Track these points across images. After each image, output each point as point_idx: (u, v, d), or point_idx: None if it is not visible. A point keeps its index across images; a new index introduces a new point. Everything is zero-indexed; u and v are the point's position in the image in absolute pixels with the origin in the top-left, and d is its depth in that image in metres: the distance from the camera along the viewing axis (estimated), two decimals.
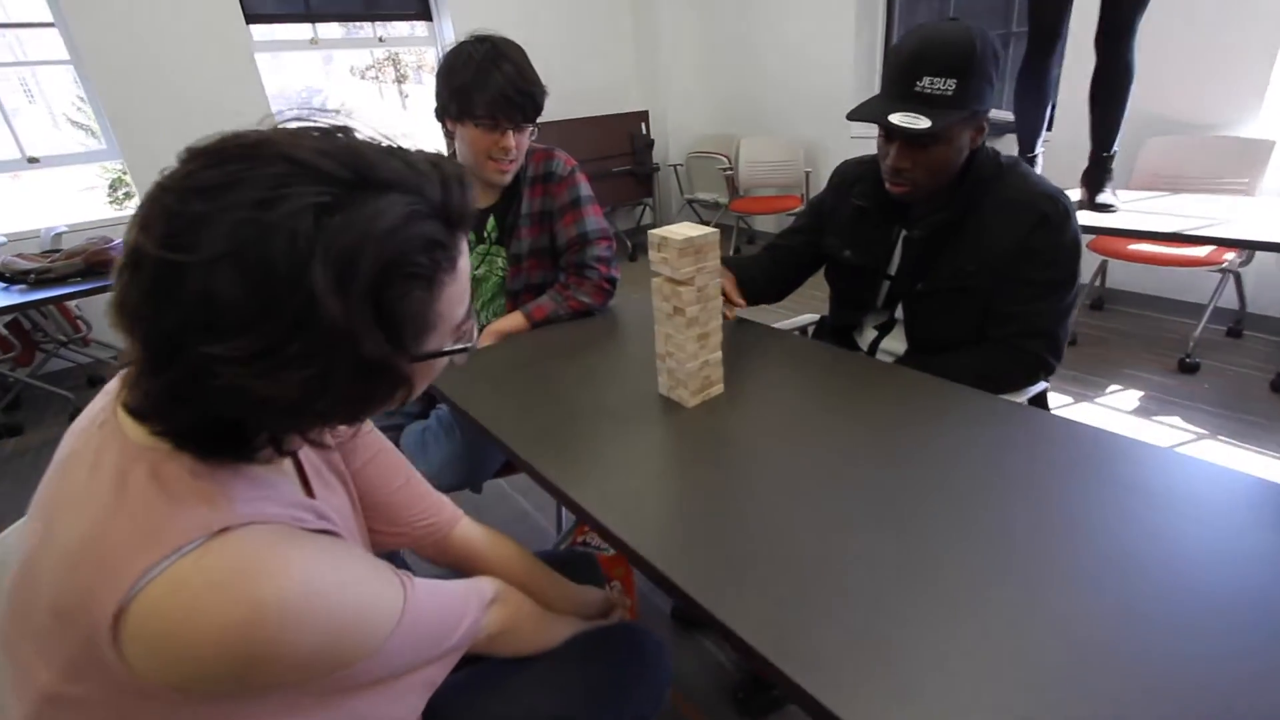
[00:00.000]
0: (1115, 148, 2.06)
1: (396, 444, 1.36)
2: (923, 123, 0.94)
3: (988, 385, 1.04)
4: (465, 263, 0.50)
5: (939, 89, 0.94)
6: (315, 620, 0.46)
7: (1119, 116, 2.00)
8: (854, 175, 1.27)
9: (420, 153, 0.49)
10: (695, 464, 0.87)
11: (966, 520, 0.71)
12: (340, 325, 0.41)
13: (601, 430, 0.97)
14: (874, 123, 1.00)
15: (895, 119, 0.96)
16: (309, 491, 0.61)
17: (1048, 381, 1.17)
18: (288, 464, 0.60)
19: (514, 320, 1.38)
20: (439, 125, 1.36)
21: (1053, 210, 1.03)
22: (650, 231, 0.92)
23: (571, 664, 0.78)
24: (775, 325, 1.44)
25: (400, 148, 0.48)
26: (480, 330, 1.39)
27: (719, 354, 1.01)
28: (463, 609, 0.65)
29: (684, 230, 0.91)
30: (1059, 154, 2.54)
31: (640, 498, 0.81)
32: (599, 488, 0.83)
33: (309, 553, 0.49)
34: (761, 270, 1.39)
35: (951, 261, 1.11)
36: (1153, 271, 2.79)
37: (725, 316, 1.05)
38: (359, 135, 0.47)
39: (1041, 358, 1.09)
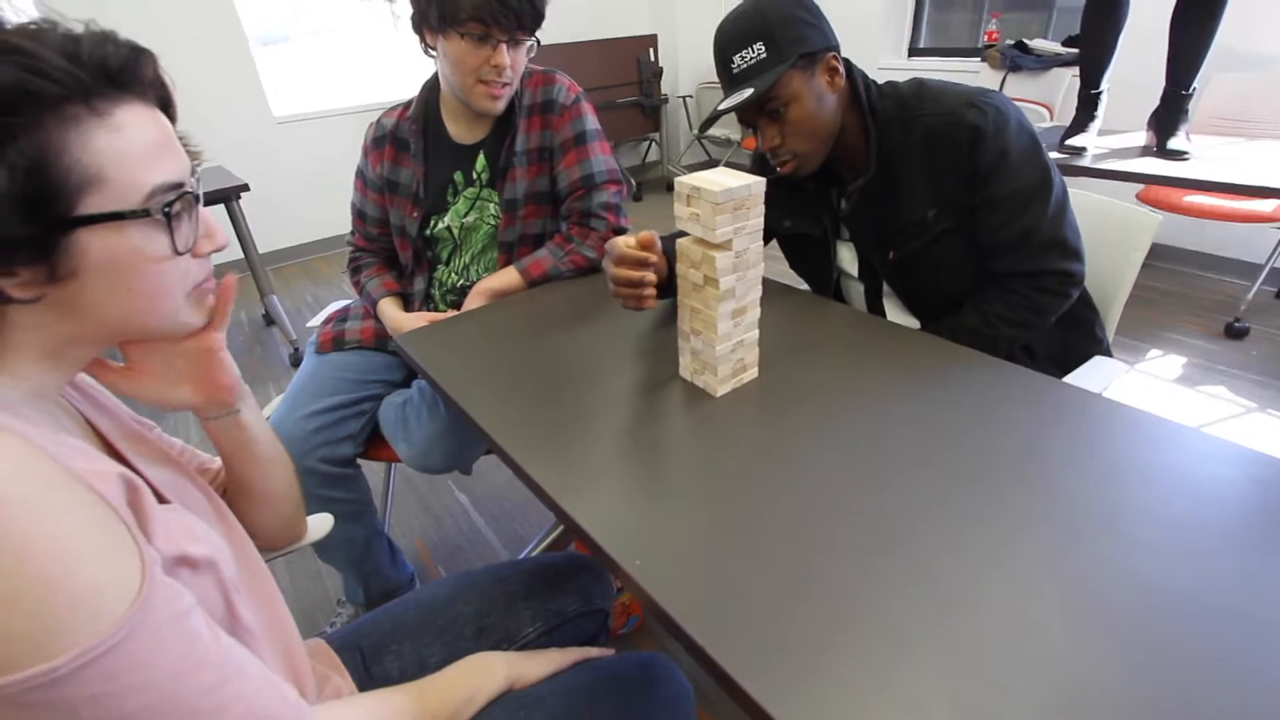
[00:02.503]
0: (1194, 85, 1.81)
1: (372, 418, 1.21)
2: (746, 93, 0.92)
3: (1026, 327, 0.99)
4: (132, 124, 0.45)
5: (751, 58, 0.93)
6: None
7: (1205, 48, 1.73)
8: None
9: None
10: (724, 470, 0.70)
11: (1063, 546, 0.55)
12: None
13: (608, 422, 0.80)
14: (714, 120, 1.00)
15: (722, 105, 0.96)
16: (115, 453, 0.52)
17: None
18: (71, 421, 0.50)
19: (507, 278, 1.19)
20: (419, 40, 1.14)
21: (982, 119, 0.92)
22: (678, 180, 0.73)
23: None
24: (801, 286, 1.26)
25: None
26: (468, 289, 1.21)
27: (756, 333, 0.83)
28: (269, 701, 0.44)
29: (722, 179, 0.71)
30: (1118, 90, 2.27)
31: (653, 515, 0.64)
32: (601, 499, 0.67)
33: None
34: None
35: (907, 218, 1.01)
36: (1201, 226, 2.57)
37: (646, 305, 0.90)
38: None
39: (1062, 270, 0.97)
